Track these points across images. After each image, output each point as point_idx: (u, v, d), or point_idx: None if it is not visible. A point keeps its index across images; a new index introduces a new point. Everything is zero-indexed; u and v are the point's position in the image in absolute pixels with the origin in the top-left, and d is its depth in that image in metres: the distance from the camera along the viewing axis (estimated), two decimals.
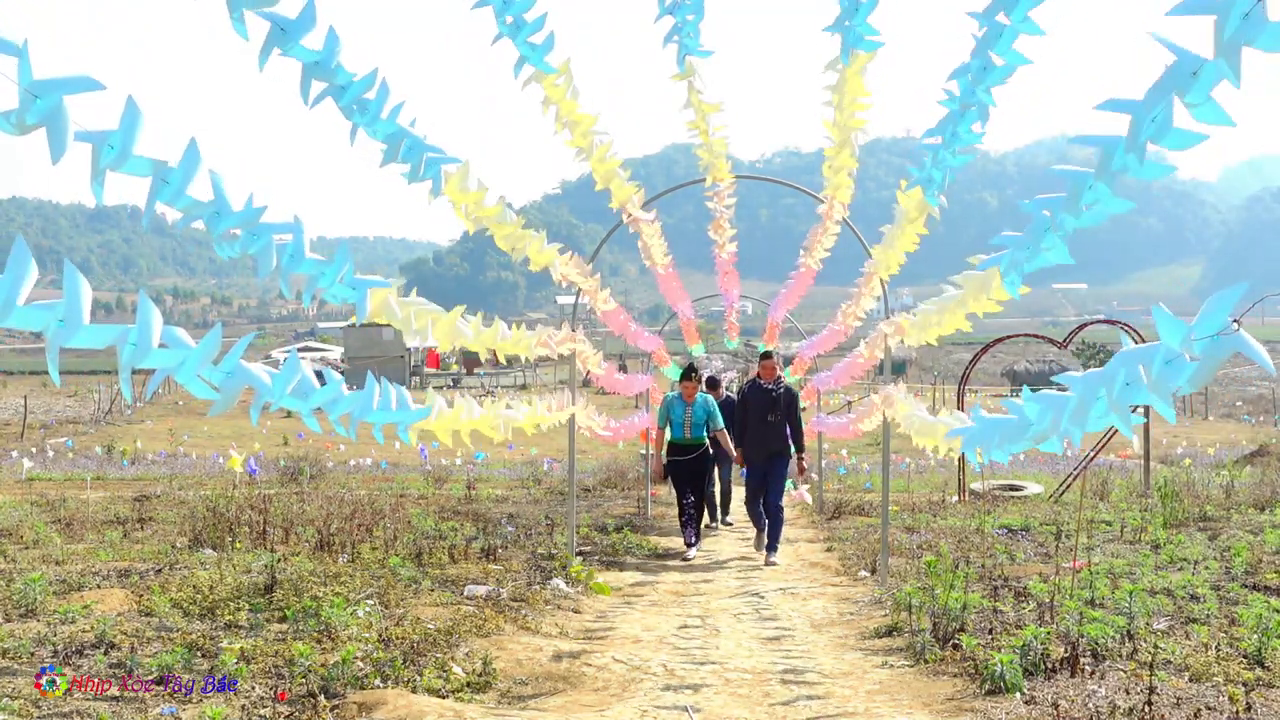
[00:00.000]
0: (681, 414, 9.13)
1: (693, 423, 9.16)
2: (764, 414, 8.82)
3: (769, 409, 8.80)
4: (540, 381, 50.24)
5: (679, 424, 9.13)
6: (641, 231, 8.20)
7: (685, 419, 9.13)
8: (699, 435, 9.15)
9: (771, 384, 8.90)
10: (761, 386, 8.91)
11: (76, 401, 43.36)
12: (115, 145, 2.58)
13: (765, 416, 8.81)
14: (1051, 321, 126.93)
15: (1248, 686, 3.77)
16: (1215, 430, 33.71)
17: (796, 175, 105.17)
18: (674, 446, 9.13)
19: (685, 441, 9.11)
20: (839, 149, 6.52)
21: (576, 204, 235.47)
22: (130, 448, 24.61)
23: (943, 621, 4.94)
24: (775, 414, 8.77)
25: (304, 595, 5.33)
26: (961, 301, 4.95)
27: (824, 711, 3.89)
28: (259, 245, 3.25)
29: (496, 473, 19.53)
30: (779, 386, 8.91)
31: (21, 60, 2.20)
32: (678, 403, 9.18)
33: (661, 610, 6.21)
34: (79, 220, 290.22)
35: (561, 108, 5.80)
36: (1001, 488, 13.47)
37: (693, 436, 9.15)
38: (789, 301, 12.36)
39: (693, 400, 9.18)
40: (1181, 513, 9.22)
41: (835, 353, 13.21)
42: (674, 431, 9.12)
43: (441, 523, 9.06)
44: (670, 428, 9.16)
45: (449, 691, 3.98)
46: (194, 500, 10.25)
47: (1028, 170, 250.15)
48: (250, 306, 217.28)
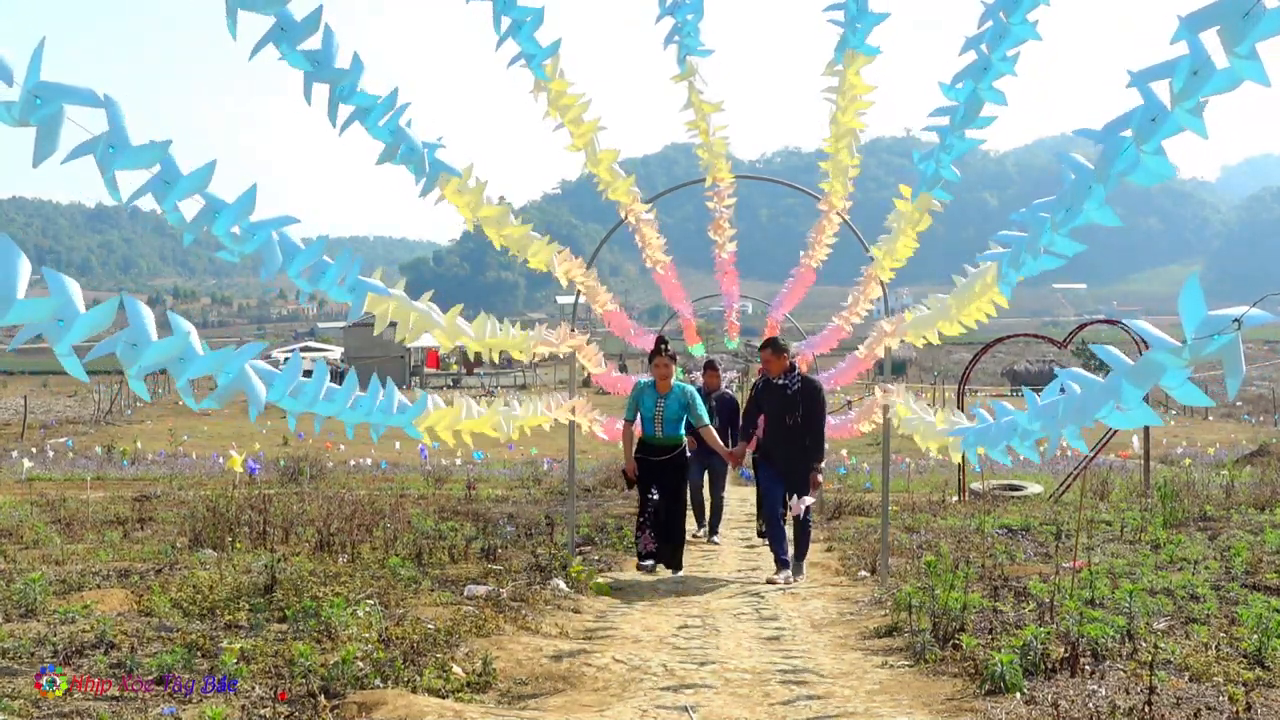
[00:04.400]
0: (652, 407, 7.32)
1: (665, 418, 7.30)
2: (782, 417, 7.19)
3: (786, 410, 7.17)
4: (540, 381, 50.23)
5: (649, 419, 7.33)
6: (641, 231, 8.20)
7: (656, 413, 7.30)
8: (674, 433, 7.36)
9: (784, 378, 7.28)
10: (774, 384, 7.31)
11: (76, 401, 43.38)
12: (113, 145, 2.58)
13: (784, 420, 7.18)
14: (1051, 321, 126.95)
15: (1248, 686, 3.77)
16: (1215, 430, 33.70)
17: (796, 175, 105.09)
18: (644, 445, 7.37)
19: (657, 440, 7.33)
20: (837, 148, 6.53)
21: (576, 204, 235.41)
22: (130, 448, 24.61)
23: (943, 621, 4.93)
24: (794, 416, 7.14)
25: (304, 595, 5.33)
26: (961, 302, 4.96)
27: (824, 711, 3.89)
28: (257, 242, 3.25)
29: (496, 473, 19.53)
30: (794, 380, 7.26)
31: (33, 59, 2.20)
32: (648, 391, 7.36)
33: (661, 610, 6.20)
34: (79, 220, 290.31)
35: (561, 102, 5.80)
36: (1001, 488, 13.47)
37: (666, 435, 7.33)
38: (789, 301, 12.36)
39: (667, 390, 7.33)
40: (1181, 513, 9.22)
41: (835, 353, 13.22)
42: (644, 428, 7.37)
43: (441, 523, 9.05)
44: (640, 423, 7.39)
45: (449, 691, 3.97)
46: (194, 500, 10.25)
47: (1027, 170, 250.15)
48: (250, 306, 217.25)
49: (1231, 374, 2.27)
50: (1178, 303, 2.37)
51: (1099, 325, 15.34)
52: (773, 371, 7.34)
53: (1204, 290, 2.35)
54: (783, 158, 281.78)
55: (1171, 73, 2.45)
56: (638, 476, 7.38)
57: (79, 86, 2.30)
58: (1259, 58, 2.26)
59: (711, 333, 41.38)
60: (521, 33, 4.99)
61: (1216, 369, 2.37)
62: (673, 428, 7.34)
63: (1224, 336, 2.27)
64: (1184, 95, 2.44)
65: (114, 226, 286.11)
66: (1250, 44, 2.22)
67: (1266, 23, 2.16)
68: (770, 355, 7.37)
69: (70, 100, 2.30)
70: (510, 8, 4.88)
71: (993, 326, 6.61)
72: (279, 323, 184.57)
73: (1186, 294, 2.36)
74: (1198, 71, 2.41)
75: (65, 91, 2.27)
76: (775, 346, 7.41)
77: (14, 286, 2.09)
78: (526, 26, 4.96)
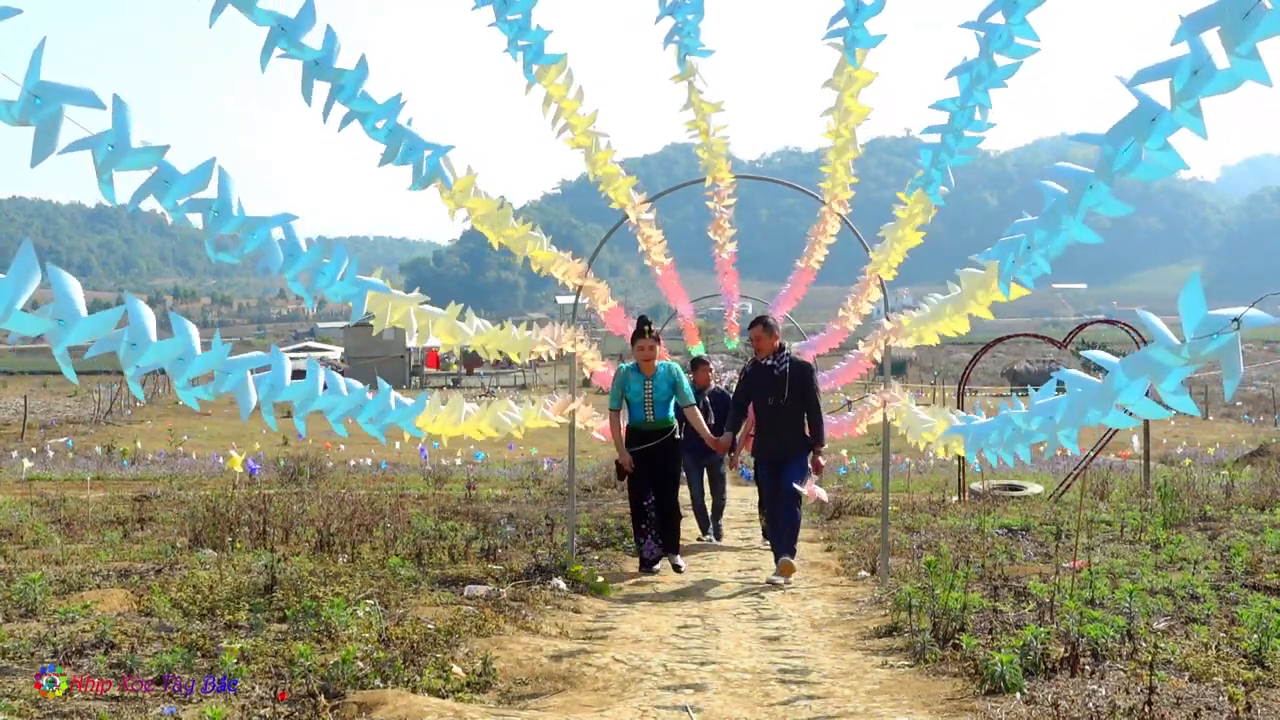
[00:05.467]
0: (640, 390, 7.10)
1: (655, 399, 7.12)
2: (766, 399, 6.95)
3: (771, 392, 6.93)
4: (540, 382, 50.24)
5: (638, 404, 7.13)
6: (641, 231, 8.21)
7: (645, 395, 7.09)
8: (665, 416, 7.16)
9: (772, 359, 7.04)
10: (761, 365, 7.06)
11: (76, 401, 43.37)
12: (114, 144, 2.58)
13: (767, 401, 6.95)
14: (1051, 321, 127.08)
15: (1248, 686, 3.77)
16: (1215, 430, 33.70)
17: (796, 175, 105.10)
18: (634, 433, 7.14)
19: (648, 425, 7.11)
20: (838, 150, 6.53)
21: (576, 204, 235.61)
22: (130, 448, 24.60)
23: (943, 621, 4.93)
24: (779, 398, 6.90)
25: (304, 595, 5.33)
26: (961, 301, 4.97)
27: (824, 711, 3.89)
28: (257, 241, 3.25)
29: (496, 473, 19.52)
30: (782, 360, 7.01)
31: (33, 59, 2.20)
32: (634, 375, 7.12)
33: (661, 610, 6.20)
34: (79, 220, 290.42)
35: (562, 106, 5.81)
36: (1001, 488, 13.47)
37: (657, 418, 7.13)
38: (789, 301, 12.37)
39: (653, 371, 7.10)
40: (1181, 513, 9.22)
41: (835, 353, 13.22)
42: (633, 414, 7.14)
43: (441, 523, 9.05)
44: (629, 410, 7.17)
45: (449, 691, 3.97)
46: (194, 500, 10.25)
47: (1028, 170, 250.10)
48: (250, 306, 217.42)
49: (1229, 375, 2.27)
50: (1178, 302, 2.37)
51: (1099, 325, 15.33)
52: (761, 351, 7.06)
53: (1204, 290, 2.35)
54: (783, 158, 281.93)
55: (1172, 72, 2.45)
56: (632, 467, 7.14)
57: (79, 86, 2.30)
58: (1260, 57, 2.26)
59: (711, 333, 41.41)
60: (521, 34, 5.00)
61: (1216, 369, 2.37)
62: (663, 409, 7.16)
63: (1223, 336, 2.27)
64: (1185, 95, 2.44)
65: (114, 226, 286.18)
66: (1251, 43, 2.22)
67: (1267, 23, 2.16)
68: (760, 332, 7.06)
69: (70, 100, 2.30)
70: (510, 7, 4.88)
71: (993, 326, 6.61)
72: (279, 323, 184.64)
73: (1187, 293, 2.36)
74: (1198, 71, 2.41)
75: (65, 92, 2.27)
76: (765, 324, 7.09)
77: (19, 297, 2.10)
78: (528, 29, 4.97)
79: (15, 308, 2.10)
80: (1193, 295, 2.35)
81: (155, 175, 2.83)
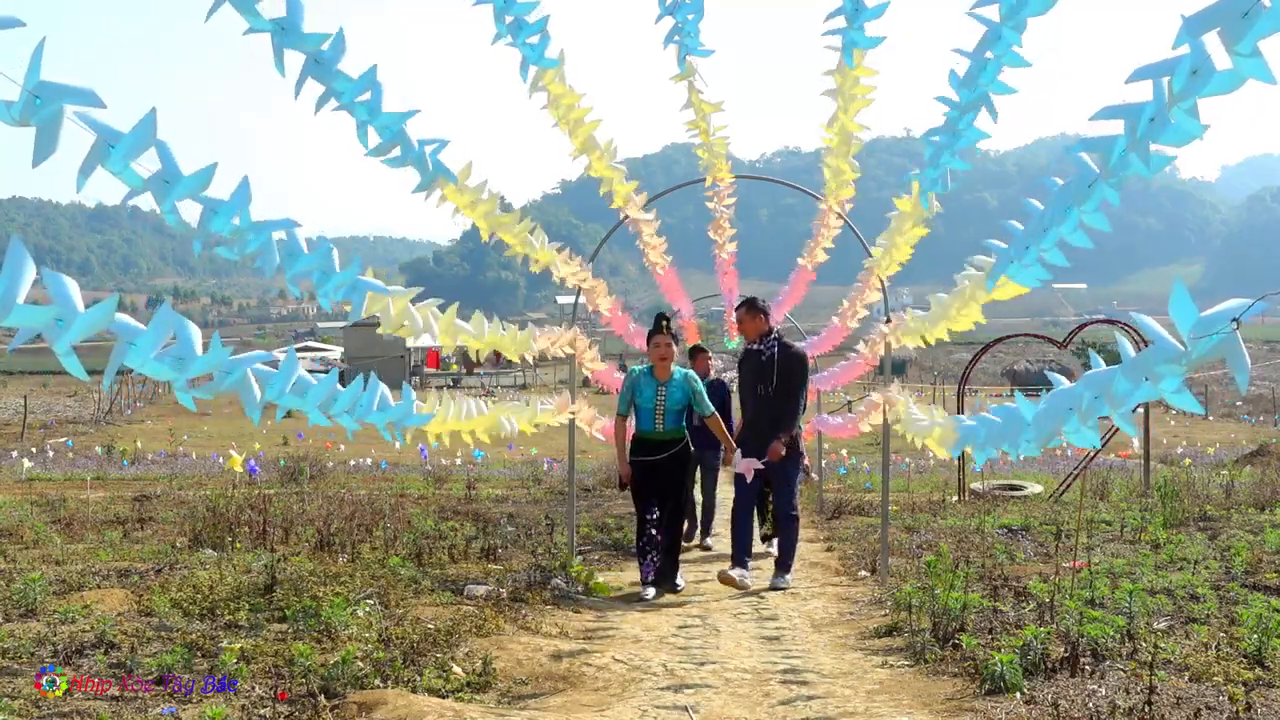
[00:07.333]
0: (652, 396, 6.39)
1: (668, 408, 6.40)
2: (755, 386, 6.54)
3: (760, 378, 6.51)
4: (540, 382, 50.25)
5: (648, 411, 6.42)
6: (641, 231, 8.20)
7: (657, 404, 6.38)
8: (676, 427, 6.45)
9: (760, 343, 6.60)
10: (751, 350, 6.65)
11: (76, 401, 43.38)
12: (118, 148, 2.58)
13: (756, 389, 6.53)
14: (1051, 321, 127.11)
15: (1248, 686, 3.77)
16: (1215, 430, 33.68)
17: (796, 175, 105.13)
18: (641, 443, 6.48)
19: (657, 436, 6.42)
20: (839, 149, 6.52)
21: (576, 204, 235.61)
22: (130, 448, 24.59)
23: (943, 621, 4.93)
24: (767, 385, 6.46)
25: (304, 595, 5.33)
26: (962, 301, 4.96)
27: (824, 711, 3.89)
28: (258, 243, 3.25)
29: (496, 473, 19.52)
30: (770, 345, 6.57)
31: (33, 58, 2.20)
32: (646, 380, 6.43)
33: (661, 610, 6.20)
34: (79, 220, 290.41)
35: (563, 101, 5.80)
36: (1001, 488, 13.48)
37: (668, 429, 6.42)
38: (789, 301, 12.36)
39: (668, 376, 6.42)
40: (1181, 512, 9.22)
41: (835, 353, 13.21)
42: (641, 422, 6.47)
43: (441, 523, 9.06)
44: (636, 417, 6.50)
45: (449, 691, 3.97)
46: (194, 500, 10.26)
47: (1028, 170, 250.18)
48: (250, 306, 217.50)
49: (1237, 369, 2.26)
50: (1169, 309, 2.36)
51: (1099, 325, 15.34)
52: (748, 334, 6.66)
53: (1204, 290, 2.35)
54: (783, 158, 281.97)
55: (1171, 72, 2.45)
56: (635, 481, 6.51)
57: (79, 86, 2.29)
58: (1261, 55, 2.26)
59: (711, 333, 41.41)
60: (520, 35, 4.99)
61: (1217, 369, 2.37)
62: (675, 420, 6.44)
63: (1221, 335, 2.26)
64: (1183, 95, 2.43)
65: (114, 226, 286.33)
66: (1251, 42, 2.22)
67: (1266, 21, 2.16)
68: (744, 314, 6.68)
69: (70, 100, 2.29)
70: (511, 6, 4.88)
71: (993, 326, 6.61)
72: (279, 322, 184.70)
73: (1176, 299, 2.36)
74: (1197, 71, 2.41)
75: (65, 91, 2.27)
76: (750, 305, 6.72)
77: (16, 291, 2.09)
78: (527, 28, 4.96)
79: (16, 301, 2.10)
80: (1181, 301, 2.34)
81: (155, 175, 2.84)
